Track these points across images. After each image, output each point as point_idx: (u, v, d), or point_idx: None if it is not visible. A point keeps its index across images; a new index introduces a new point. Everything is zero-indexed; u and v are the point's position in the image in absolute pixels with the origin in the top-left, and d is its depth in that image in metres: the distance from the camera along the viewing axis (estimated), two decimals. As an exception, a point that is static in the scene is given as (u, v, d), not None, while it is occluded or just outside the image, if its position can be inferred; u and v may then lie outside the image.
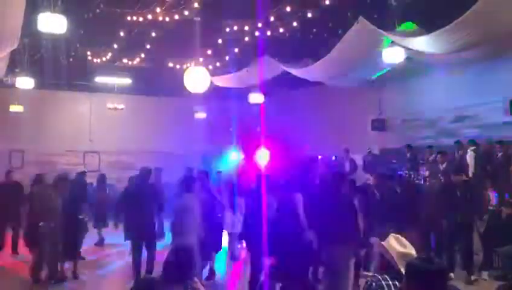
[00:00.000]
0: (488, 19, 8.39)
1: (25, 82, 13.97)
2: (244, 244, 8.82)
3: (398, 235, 3.78)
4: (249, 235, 7.31)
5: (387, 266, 3.68)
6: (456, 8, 8.53)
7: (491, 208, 10.44)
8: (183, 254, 3.88)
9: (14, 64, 13.96)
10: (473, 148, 12.29)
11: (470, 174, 12.12)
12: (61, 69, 15.04)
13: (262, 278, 6.90)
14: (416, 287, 2.96)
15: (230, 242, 10.94)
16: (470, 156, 12.26)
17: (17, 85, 14.22)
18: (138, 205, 8.50)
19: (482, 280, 8.93)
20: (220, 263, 10.23)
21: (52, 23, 8.50)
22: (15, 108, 16.88)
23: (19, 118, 17.38)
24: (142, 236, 8.52)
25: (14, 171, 12.35)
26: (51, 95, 18.65)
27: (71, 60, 15.09)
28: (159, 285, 3.70)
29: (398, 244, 3.69)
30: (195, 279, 3.96)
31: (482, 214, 10.12)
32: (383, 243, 3.79)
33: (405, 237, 3.76)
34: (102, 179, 13.54)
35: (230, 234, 10.76)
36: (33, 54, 13.91)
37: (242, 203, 9.47)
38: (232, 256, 10.85)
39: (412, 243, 3.68)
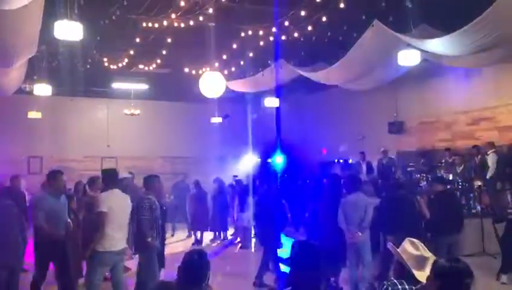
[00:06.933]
0: (504, 20, 8.30)
1: (43, 89, 14.07)
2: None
3: (413, 240, 3.76)
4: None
5: (404, 271, 3.66)
6: (473, 9, 8.45)
7: (510, 211, 10.25)
8: (199, 258, 3.88)
9: (32, 72, 14.10)
10: (493, 150, 12.16)
11: (488, 177, 12.01)
12: (78, 75, 15.16)
13: None
14: (442, 286, 2.95)
15: None
16: (491, 158, 12.13)
17: (35, 92, 14.33)
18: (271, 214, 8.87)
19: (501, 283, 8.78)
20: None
21: (69, 31, 8.53)
22: (33, 115, 17.06)
23: (37, 125, 17.58)
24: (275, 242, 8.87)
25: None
26: (69, 102, 18.83)
27: (88, 66, 15.18)
28: (175, 289, 3.71)
29: (412, 248, 3.68)
30: (210, 283, 3.96)
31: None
32: (398, 249, 3.78)
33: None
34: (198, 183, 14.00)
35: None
36: (51, 61, 14.07)
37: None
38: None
39: None
